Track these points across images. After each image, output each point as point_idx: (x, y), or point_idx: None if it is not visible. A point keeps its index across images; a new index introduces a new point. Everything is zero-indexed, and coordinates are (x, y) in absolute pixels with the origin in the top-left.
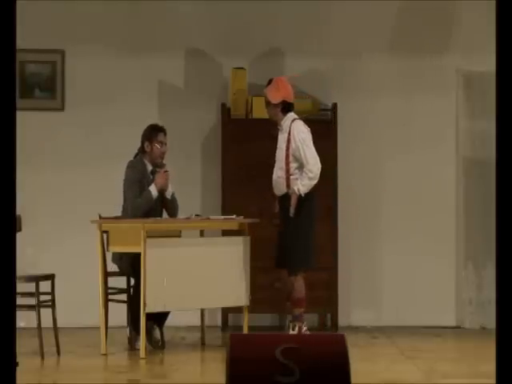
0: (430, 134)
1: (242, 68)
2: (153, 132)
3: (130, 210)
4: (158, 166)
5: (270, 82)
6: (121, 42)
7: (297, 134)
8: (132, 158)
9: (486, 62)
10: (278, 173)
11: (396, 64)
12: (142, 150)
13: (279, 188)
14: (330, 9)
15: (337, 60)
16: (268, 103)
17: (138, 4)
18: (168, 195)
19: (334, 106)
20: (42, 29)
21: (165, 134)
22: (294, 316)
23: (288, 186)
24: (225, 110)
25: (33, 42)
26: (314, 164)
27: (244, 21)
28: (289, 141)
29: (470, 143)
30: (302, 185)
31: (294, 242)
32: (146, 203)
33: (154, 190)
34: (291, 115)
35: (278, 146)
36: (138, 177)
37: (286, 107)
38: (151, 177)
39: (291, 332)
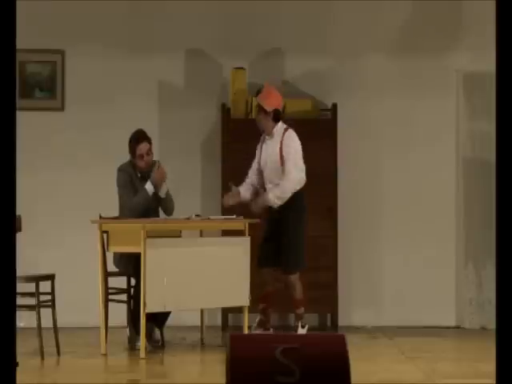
0: (430, 134)
1: (242, 68)
2: (132, 147)
3: (127, 211)
4: (145, 173)
5: (259, 90)
6: (121, 42)
7: (287, 145)
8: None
9: (486, 62)
10: (275, 180)
11: (396, 64)
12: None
13: None
14: (330, 9)
15: (337, 60)
16: (260, 110)
17: (137, 4)
18: (162, 194)
19: (334, 106)
20: (42, 29)
21: (148, 142)
22: (300, 314)
23: None
24: (225, 110)
25: (33, 42)
26: (291, 182)
27: (244, 21)
28: (281, 148)
29: (470, 143)
30: (277, 197)
31: (298, 240)
32: (144, 201)
33: (149, 186)
34: (281, 124)
35: (267, 154)
36: (128, 180)
37: (277, 116)
38: (141, 183)
39: (301, 331)
